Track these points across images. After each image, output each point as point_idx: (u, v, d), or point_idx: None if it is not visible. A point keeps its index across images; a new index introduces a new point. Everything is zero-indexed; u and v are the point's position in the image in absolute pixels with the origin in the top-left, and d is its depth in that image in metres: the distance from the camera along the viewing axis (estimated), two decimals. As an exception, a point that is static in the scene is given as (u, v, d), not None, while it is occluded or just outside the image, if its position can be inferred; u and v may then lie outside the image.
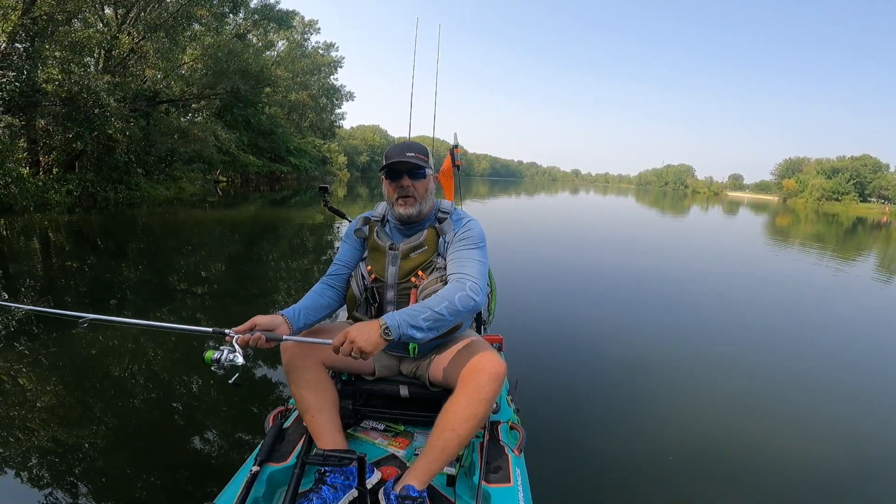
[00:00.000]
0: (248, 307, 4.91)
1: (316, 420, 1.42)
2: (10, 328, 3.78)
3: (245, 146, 24.93)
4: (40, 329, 3.75)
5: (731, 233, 18.46)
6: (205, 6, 15.05)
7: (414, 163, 1.50)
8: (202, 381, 3.13)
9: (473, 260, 1.49)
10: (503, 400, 1.79)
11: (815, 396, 3.41)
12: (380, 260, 1.56)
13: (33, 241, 8.02)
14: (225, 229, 10.78)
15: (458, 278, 1.43)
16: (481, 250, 1.53)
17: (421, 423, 1.64)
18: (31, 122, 11.63)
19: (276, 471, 1.34)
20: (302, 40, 36.91)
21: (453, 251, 1.52)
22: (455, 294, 1.36)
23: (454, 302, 1.35)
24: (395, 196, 1.54)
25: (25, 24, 10.40)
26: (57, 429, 2.46)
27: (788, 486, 2.29)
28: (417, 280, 1.52)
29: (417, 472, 1.27)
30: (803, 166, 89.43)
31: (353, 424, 1.62)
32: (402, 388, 1.60)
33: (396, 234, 1.61)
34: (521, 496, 1.29)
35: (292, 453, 1.41)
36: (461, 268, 1.46)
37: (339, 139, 50.39)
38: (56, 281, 5.61)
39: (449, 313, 1.34)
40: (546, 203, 30.43)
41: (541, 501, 1.46)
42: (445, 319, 1.34)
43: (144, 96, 14.12)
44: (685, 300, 6.00)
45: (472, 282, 1.40)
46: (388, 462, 1.47)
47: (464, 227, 1.56)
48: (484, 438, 1.47)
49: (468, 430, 1.31)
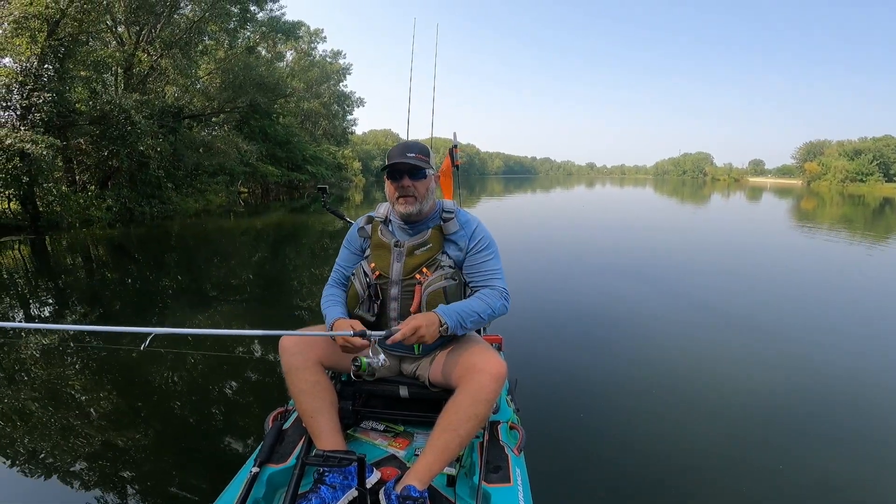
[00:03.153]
0: (288, 309, 5.19)
1: (315, 421, 1.43)
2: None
3: (264, 157, 25.59)
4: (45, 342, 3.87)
5: (751, 219, 18.19)
6: (216, 22, 15.62)
7: (414, 163, 1.53)
8: (201, 383, 3.18)
9: (498, 269, 1.60)
10: (503, 400, 1.80)
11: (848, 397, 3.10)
12: (384, 257, 1.58)
13: (80, 255, 8.55)
14: (251, 238, 11.25)
15: (493, 287, 1.56)
16: (498, 256, 1.63)
17: (421, 424, 1.64)
18: (68, 142, 12.27)
19: (276, 472, 1.35)
20: (309, 49, 37.67)
21: (477, 261, 1.59)
22: (496, 303, 1.52)
23: (495, 310, 1.51)
24: (395, 195, 1.58)
25: (53, 46, 11.02)
26: (54, 430, 2.51)
27: (800, 491, 2.21)
28: (422, 277, 1.54)
29: (418, 472, 1.28)
30: (825, 149, 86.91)
31: (352, 425, 1.62)
32: (402, 388, 1.60)
33: (400, 233, 1.63)
34: (521, 496, 1.29)
35: (292, 454, 1.41)
36: (491, 279, 1.57)
37: (352, 145, 51.07)
38: (109, 292, 6.03)
39: (488, 318, 1.51)
40: (558, 198, 30.33)
41: (541, 501, 1.46)
42: (483, 322, 1.52)
43: (169, 112, 14.75)
44: (690, 294, 5.86)
45: (506, 292, 1.56)
46: (388, 462, 1.47)
47: (478, 235, 1.61)
48: (484, 438, 1.48)
49: (469, 430, 1.33)
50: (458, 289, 1.57)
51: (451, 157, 2.75)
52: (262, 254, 9.06)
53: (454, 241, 1.59)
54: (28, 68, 10.93)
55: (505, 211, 18.69)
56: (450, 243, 1.59)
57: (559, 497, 2.07)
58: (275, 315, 4.94)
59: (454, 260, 1.58)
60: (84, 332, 3.91)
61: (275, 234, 11.84)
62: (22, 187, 10.30)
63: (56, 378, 3.23)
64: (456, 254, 1.59)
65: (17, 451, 2.39)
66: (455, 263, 1.58)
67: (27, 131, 10.12)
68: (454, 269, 1.57)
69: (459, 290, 1.58)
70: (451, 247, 1.59)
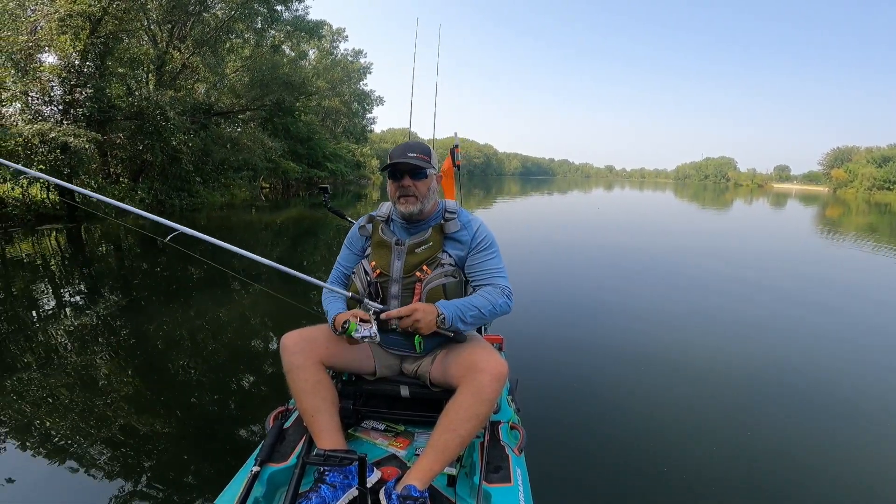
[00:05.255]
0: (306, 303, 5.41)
1: (316, 420, 1.43)
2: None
3: (285, 153, 26.14)
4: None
5: (770, 226, 17.90)
6: (243, 21, 16.09)
7: (415, 163, 1.55)
8: (202, 381, 3.21)
9: (501, 268, 1.61)
10: (503, 400, 1.81)
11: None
12: (385, 255, 1.59)
13: (112, 244, 9.04)
14: (272, 232, 11.59)
15: (496, 285, 1.56)
16: (500, 255, 1.64)
17: (422, 424, 1.65)
18: (107, 136, 12.84)
19: (277, 471, 1.35)
20: (331, 48, 38.31)
21: (479, 260, 1.60)
22: (498, 299, 1.52)
23: (497, 306, 1.51)
24: (396, 195, 1.60)
25: (95, 44, 11.55)
26: (50, 425, 2.49)
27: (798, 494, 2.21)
28: (422, 275, 1.54)
29: (419, 472, 1.29)
30: (853, 155, 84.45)
31: (353, 424, 1.63)
32: (403, 388, 1.61)
33: (401, 232, 1.64)
34: (521, 496, 1.30)
35: (293, 453, 1.42)
36: (493, 277, 1.58)
37: (370, 143, 51.62)
38: (138, 280, 6.39)
39: (489, 315, 1.51)
40: (575, 201, 30.15)
41: (541, 501, 1.47)
42: (485, 319, 1.51)
43: (201, 109, 15.28)
44: (695, 298, 5.84)
45: (509, 290, 1.56)
46: (389, 462, 1.48)
47: (480, 235, 1.62)
48: (484, 438, 1.48)
49: (470, 430, 1.33)
50: (459, 286, 1.59)
51: (451, 157, 2.76)
52: (281, 248, 9.34)
53: (456, 240, 1.60)
54: (71, 65, 11.49)
55: (517, 212, 18.72)
56: (451, 242, 1.60)
57: (559, 497, 2.06)
58: (292, 307, 5.03)
59: (455, 259, 1.59)
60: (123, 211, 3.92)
61: (294, 229, 12.17)
62: (61, 178, 10.84)
63: (58, 364, 3.27)
64: (457, 253, 1.59)
65: (13, 428, 2.43)
66: (456, 262, 1.59)
67: (69, 125, 10.65)
68: (455, 267, 1.58)
69: (460, 287, 1.60)
70: (452, 246, 1.60)
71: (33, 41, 10.91)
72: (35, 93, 11.38)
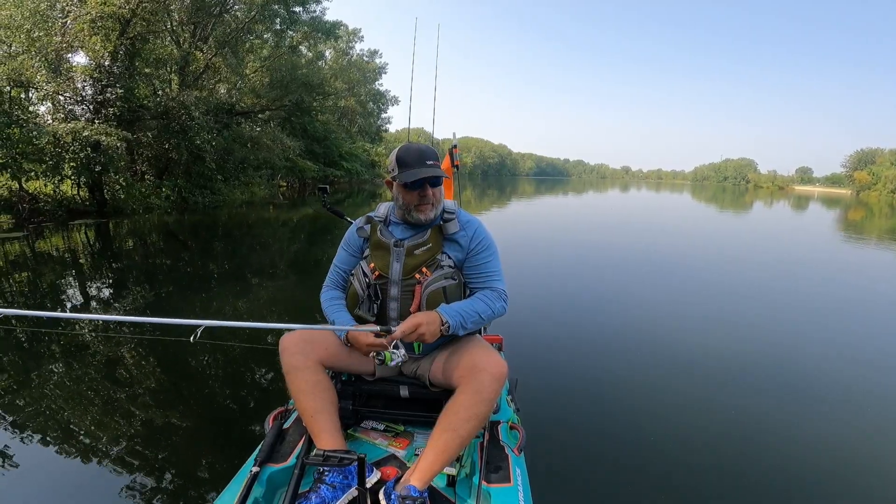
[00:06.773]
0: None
1: (315, 420, 1.43)
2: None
3: (303, 152, 26.55)
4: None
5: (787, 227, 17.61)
6: (263, 22, 16.42)
7: (437, 174, 1.53)
8: (201, 382, 3.19)
9: (498, 270, 1.62)
10: (503, 400, 1.81)
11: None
12: (384, 257, 1.57)
13: (139, 239, 9.34)
14: (290, 229, 11.89)
15: (493, 288, 1.57)
16: (498, 257, 1.64)
17: (421, 424, 1.64)
18: (135, 135, 13.27)
19: (276, 471, 1.35)
20: (347, 49, 38.74)
21: (477, 262, 1.60)
22: (496, 304, 1.54)
23: (495, 311, 1.54)
24: (415, 203, 1.55)
25: (125, 45, 11.96)
26: (48, 428, 2.47)
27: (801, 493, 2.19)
28: (422, 276, 1.53)
29: (418, 472, 1.29)
30: (877, 158, 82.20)
31: (353, 425, 1.63)
32: (403, 388, 1.61)
33: (400, 233, 1.62)
34: (521, 496, 1.30)
35: (292, 454, 1.42)
36: (491, 280, 1.59)
37: (385, 143, 52.05)
38: (162, 275, 6.58)
39: (488, 319, 1.53)
40: (594, 202, 29.96)
41: (541, 501, 1.47)
42: (483, 323, 1.54)
43: (223, 109, 15.67)
44: (697, 299, 5.78)
45: (506, 294, 1.58)
46: (388, 462, 1.47)
47: (479, 236, 1.61)
48: (484, 438, 1.48)
49: (469, 430, 1.33)
50: (458, 289, 1.57)
51: (450, 158, 2.76)
52: (298, 245, 9.55)
53: (455, 242, 1.59)
54: (101, 65, 11.91)
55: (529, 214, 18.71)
56: (450, 243, 1.59)
57: (559, 497, 2.06)
58: (293, 307, 5.00)
59: (454, 260, 1.57)
60: (132, 323, 3.87)
61: (310, 227, 12.44)
62: (92, 175, 11.26)
63: (63, 369, 3.24)
64: (456, 254, 1.58)
65: (22, 424, 2.45)
66: (455, 263, 1.58)
67: (101, 124, 11.05)
68: (454, 268, 1.57)
69: (459, 289, 1.58)
70: (451, 247, 1.59)
71: (66, 42, 11.35)
72: (68, 93, 11.83)
